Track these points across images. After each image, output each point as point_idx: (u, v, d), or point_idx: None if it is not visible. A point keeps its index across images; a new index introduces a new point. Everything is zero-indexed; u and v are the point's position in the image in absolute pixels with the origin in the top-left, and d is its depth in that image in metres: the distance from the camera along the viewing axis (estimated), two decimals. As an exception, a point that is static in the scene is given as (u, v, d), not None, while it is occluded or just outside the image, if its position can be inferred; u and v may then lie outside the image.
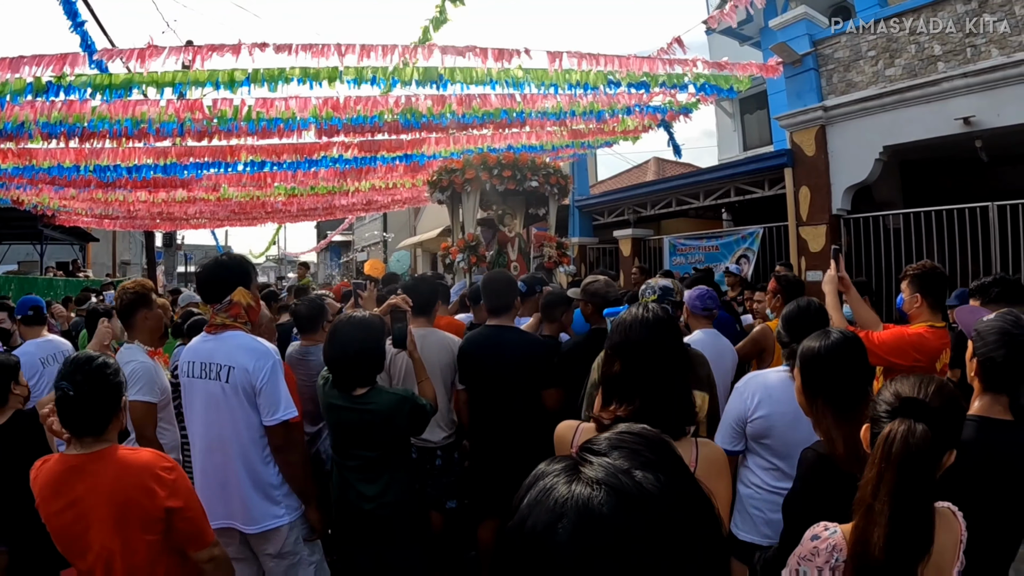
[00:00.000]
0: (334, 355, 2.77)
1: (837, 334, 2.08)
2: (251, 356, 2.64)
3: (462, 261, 6.80)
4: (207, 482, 2.72)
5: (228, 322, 2.74)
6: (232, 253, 3.05)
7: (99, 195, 10.23)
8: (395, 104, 6.23)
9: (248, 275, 2.85)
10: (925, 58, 7.64)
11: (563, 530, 0.60)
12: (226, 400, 2.63)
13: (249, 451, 2.64)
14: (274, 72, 5.15)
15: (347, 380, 2.75)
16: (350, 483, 2.77)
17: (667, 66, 6.57)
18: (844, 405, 1.96)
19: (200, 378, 2.69)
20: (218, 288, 2.77)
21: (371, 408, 2.70)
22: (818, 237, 8.41)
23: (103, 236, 22.56)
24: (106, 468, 1.95)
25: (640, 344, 1.81)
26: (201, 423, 2.72)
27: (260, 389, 2.61)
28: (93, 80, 5.33)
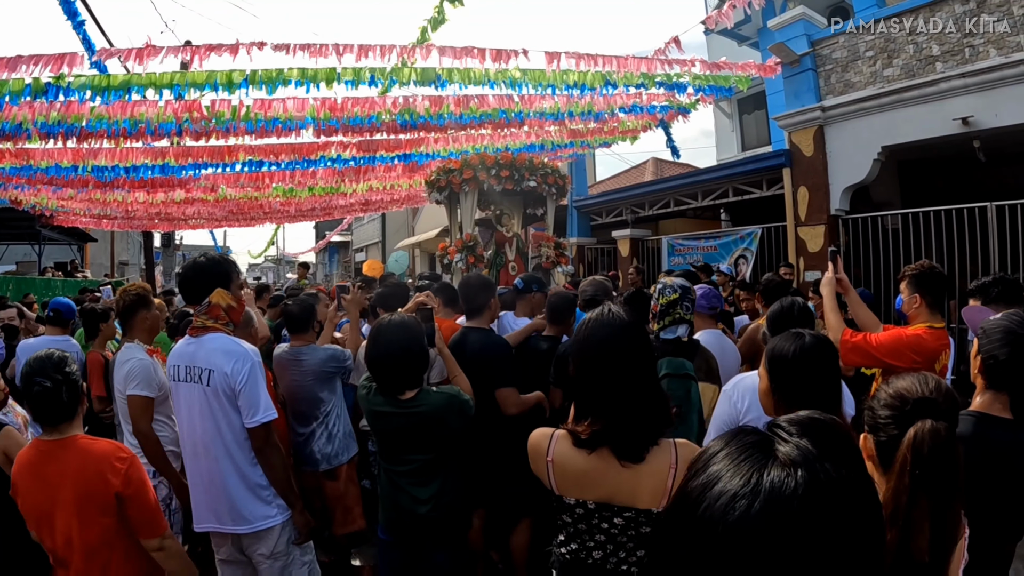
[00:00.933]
0: (380, 359, 2.65)
1: (810, 336, 2.05)
2: (230, 358, 2.61)
3: (460, 261, 6.79)
4: (194, 484, 2.72)
5: (209, 324, 2.71)
6: (211, 254, 2.94)
7: (97, 195, 10.22)
8: (393, 105, 6.23)
9: (227, 276, 2.82)
10: (923, 58, 7.64)
11: (756, 509, 0.60)
12: (208, 403, 2.62)
13: (235, 453, 2.63)
14: (272, 73, 5.15)
15: (394, 384, 2.64)
16: (401, 487, 2.67)
17: (665, 66, 6.57)
18: (815, 407, 1.96)
19: (184, 381, 2.68)
20: (197, 290, 2.76)
21: (422, 411, 2.60)
22: (816, 237, 8.42)
23: (101, 236, 22.54)
24: (71, 455, 2.18)
25: (603, 353, 1.77)
26: (188, 427, 2.70)
27: (239, 391, 2.60)
28: (92, 81, 5.33)
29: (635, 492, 1.70)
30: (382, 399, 2.66)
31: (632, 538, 1.73)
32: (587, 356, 1.80)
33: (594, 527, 1.76)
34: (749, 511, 0.59)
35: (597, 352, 1.78)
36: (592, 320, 1.84)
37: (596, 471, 1.72)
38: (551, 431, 1.85)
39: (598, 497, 1.73)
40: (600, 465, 1.72)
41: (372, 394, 2.71)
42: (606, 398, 1.73)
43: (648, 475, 1.69)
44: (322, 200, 12.13)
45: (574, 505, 1.77)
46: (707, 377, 3.08)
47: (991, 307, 3.45)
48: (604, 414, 1.72)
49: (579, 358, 1.82)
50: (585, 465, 1.74)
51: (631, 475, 1.69)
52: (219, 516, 2.64)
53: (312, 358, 3.84)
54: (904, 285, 3.36)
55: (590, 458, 1.73)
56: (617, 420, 1.70)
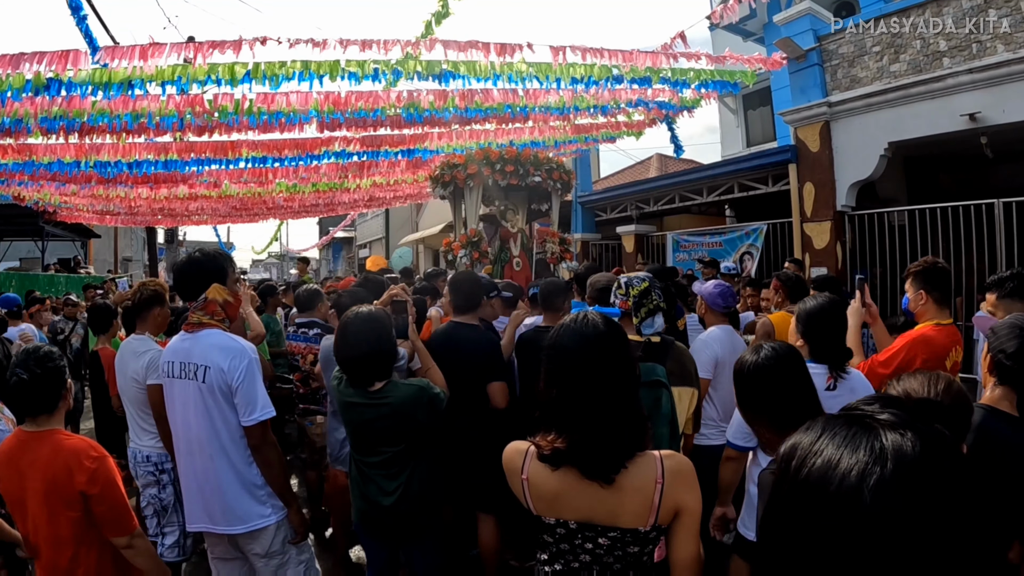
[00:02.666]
0: (347, 353, 2.70)
1: (768, 349, 2.07)
2: (226, 355, 2.57)
3: (465, 257, 6.76)
4: (187, 484, 2.68)
5: (205, 320, 2.68)
6: (206, 249, 2.92)
7: (100, 191, 10.21)
8: (397, 99, 6.20)
9: (223, 271, 2.78)
10: (930, 54, 7.58)
11: (889, 471, 0.64)
12: (203, 400, 2.57)
13: (230, 451, 2.59)
14: (275, 66, 5.11)
15: (362, 376, 2.69)
16: (370, 478, 2.72)
17: (671, 60, 6.53)
18: (781, 421, 1.94)
19: (179, 378, 2.64)
20: (193, 286, 2.73)
21: (389, 402, 2.65)
22: (822, 233, 8.37)
23: (104, 232, 22.53)
24: (44, 447, 2.23)
25: (571, 365, 1.64)
26: (182, 424, 2.66)
27: (236, 388, 2.55)
28: (93, 76, 5.30)
29: (616, 511, 1.59)
30: (352, 390, 2.71)
31: (620, 558, 1.62)
32: (553, 366, 1.68)
33: (577, 547, 1.65)
34: (883, 474, 0.64)
35: (564, 363, 1.66)
36: (564, 327, 1.72)
37: (572, 490, 1.60)
38: (526, 446, 1.71)
39: (578, 517, 1.62)
40: (574, 483, 1.60)
41: (343, 385, 2.75)
42: (572, 412, 1.61)
43: (631, 492, 1.57)
44: (325, 196, 12.11)
45: (554, 525, 1.66)
46: (682, 380, 2.92)
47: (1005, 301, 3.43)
48: (568, 429, 1.60)
49: (546, 367, 1.70)
50: (559, 484, 1.61)
51: (610, 493, 1.57)
52: (212, 516, 2.60)
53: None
54: (909, 283, 3.34)
55: (563, 476, 1.60)
56: (582, 437, 1.58)
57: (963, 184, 9.04)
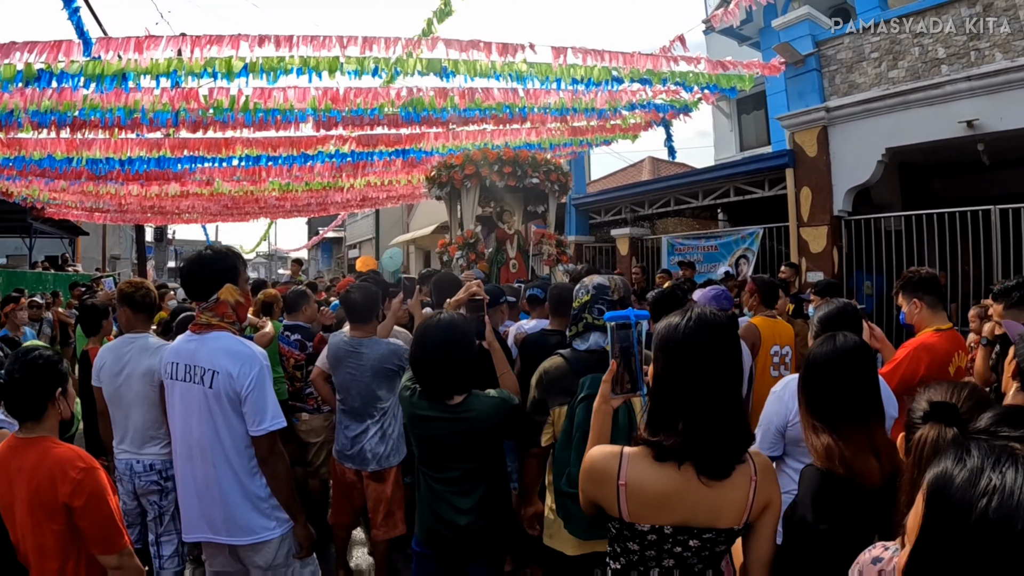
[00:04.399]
0: (426, 363, 2.48)
1: (843, 339, 1.99)
2: (236, 361, 2.43)
3: (461, 258, 6.69)
4: (186, 490, 2.55)
5: (214, 321, 2.53)
6: (218, 246, 2.74)
7: (90, 188, 10.07)
8: (396, 96, 6.12)
9: (236, 271, 2.61)
10: (928, 60, 7.61)
11: None
12: (208, 406, 2.43)
13: (234, 461, 2.46)
14: (273, 61, 5.03)
15: (441, 390, 2.47)
16: (442, 496, 2.51)
17: (671, 63, 6.51)
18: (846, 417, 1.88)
19: (183, 380, 2.50)
20: (203, 285, 2.55)
21: (470, 416, 2.44)
22: (819, 238, 8.37)
23: (93, 230, 22.26)
24: (31, 455, 2.10)
25: (705, 356, 1.59)
26: (182, 428, 2.52)
27: (245, 396, 2.42)
28: (86, 68, 5.20)
29: (718, 510, 1.58)
30: (427, 403, 2.49)
31: (704, 559, 1.61)
32: (676, 360, 1.62)
33: (665, 552, 1.61)
34: None
35: (690, 356, 1.60)
36: (693, 319, 1.64)
37: (678, 492, 1.57)
38: (619, 449, 1.65)
39: (676, 520, 1.59)
40: (682, 484, 1.56)
41: (416, 396, 2.53)
42: (694, 407, 1.57)
43: (731, 490, 1.57)
44: (318, 195, 12.02)
45: (647, 532, 1.60)
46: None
47: (1013, 311, 3.40)
48: (688, 425, 1.55)
49: (666, 362, 1.63)
50: (667, 485, 1.57)
51: (713, 493, 1.56)
52: (213, 525, 2.48)
53: (372, 352, 3.55)
54: (900, 297, 3.34)
55: (673, 477, 1.57)
56: (707, 431, 1.55)
57: (957, 191, 9.07)
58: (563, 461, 2.51)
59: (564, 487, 2.46)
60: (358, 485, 3.69)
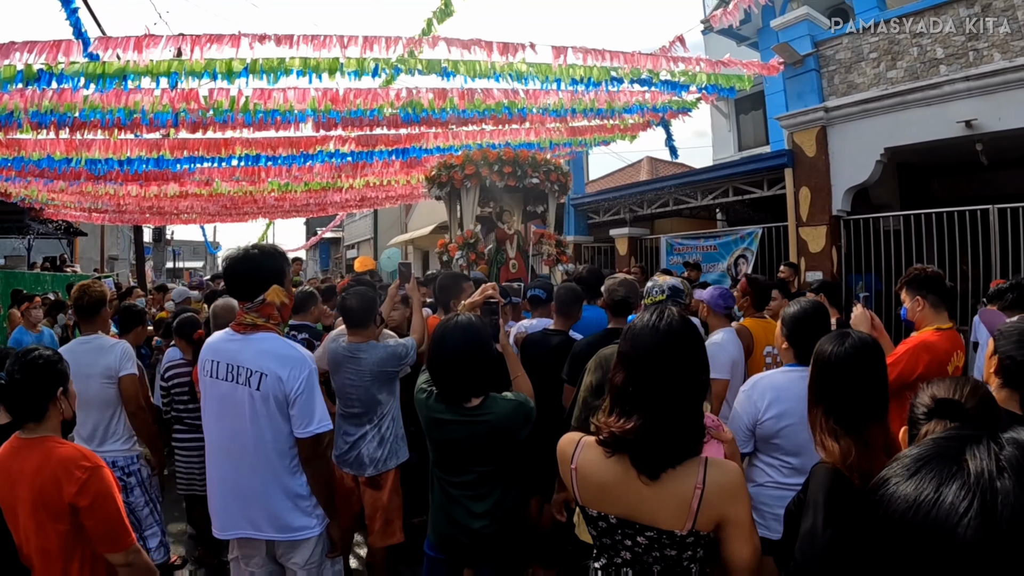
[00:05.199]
0: (443, 367, 2.47)
1: (855, 339, 2.00)
2: (285, 364, 2.43)
3: (461, 258, 6.69)
4: (224, 489, 2.53)
5: (259, 322, 2.50)
6: (264, 245, 2.69)
7: (89, 188, 10.06)
8: (396, 97, 6.12)
9: (283, 272, 2.60)
10: (927, 61, 7.62)
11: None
12: (253, 408, 2.42)
13: (275, 461, 2.46)
14: (273, 62, 5.03)
15: (458, 393, 2.45)
16: (457, 500, 2.50)
17: (671, 63, 6.53)
18: (843, 414, 1.89)
19: (225, 380, 2.47)
20: (251, 285, 2.52)
21: (487, 419, 2.42)
22: (818, 238, 8.37)
23: (91, 231, 22.23)
24: (34, 455, 2.09)
25: (648, 355, 1.64)
26: (220, 428, 2.51)
27: (294, 399, 2.42)
28: (86, 68, 5.19)
29: (655, 510, 1.60)
30: (443, 406, 2.47)
31: (658, 560, 1.62)
32: (633, 354, 1.67)
33: (618, 543, 1.67)
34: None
35: (643, 352, 1.65)
36: (647, 321, 1.70)
37: (618, 484, 1.63)
38: (579, 436, 1.76)
39: (619, 512, 1.64)
40: (621, 477, 1.62)
41: (432, 399, 2.51)
42: (641, 401, 1.61)
43: (670, 492, 1.58)
44: (317, 195, 12.01)
45: (596, 518, 1.69)
46: None
47: (1007, 312, 3.42)
48: (634, 417, 1.60)
49: (625, 354, 1.70)
50: (607, 475, 1.64)
51: (652, 491, 1.59)
52: (255, 522, 2.48)
53: (371, 356, 3.51)
54: (904, 294, 3.34)
55: (612, 469, 1.63)
56: (644, 426, 1.58)
57: (955, 191, 9.09)
58: None
59: None
60: (356, 491, 3.66)
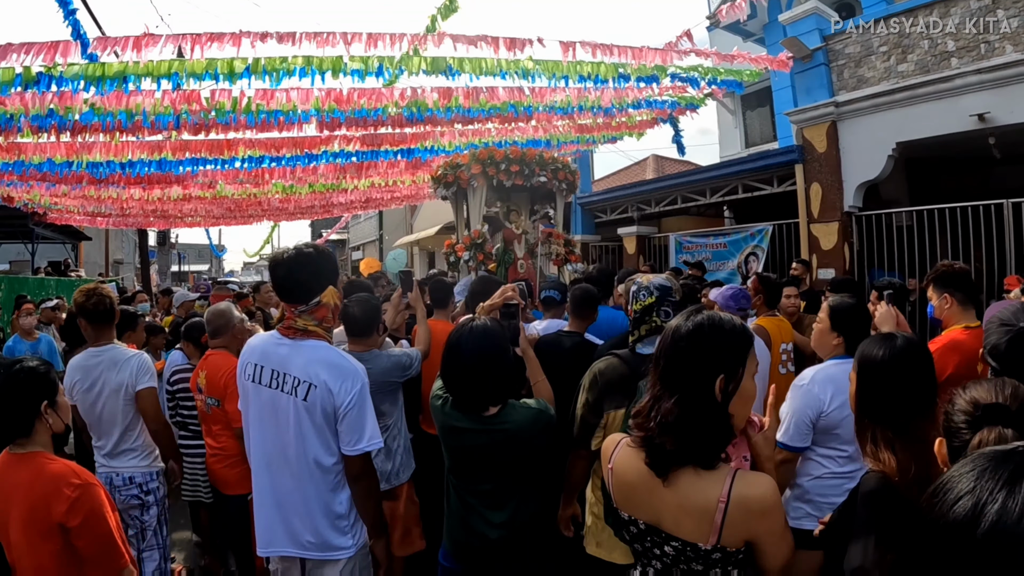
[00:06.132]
0: (459, 372, 2.36)
1: (903, 340, 1.91)
2: (337, 375, 2.28)
3: (469, 259, 6.60)
4: (263, 502, 2.40)
5: (311, 327, 2.34)
6: (316, 244, 2.50)
7: (91, 192, 9.99)
8: (400, 97, 6.03)
9: (337, 272, 2.47)
10: (938, 54, 7.51)
11: None
12: (299, 419, 2.28)
13: (318, 477, 2.32)
14: (276, 62, 4.94)
15: (476, 401, 2.34)
16: (473, 508, 2.41)
17: (680, 58, 6.42)
18: (898, 421, 1.79)
19: (268, 387, 2.33)
20: (306, 286, 2.35)
21: (506, 428, 2.32)
22: (830, 234, 8.26)
23: (95, 235, 22.23)
24: (25, 472, 2.02)
25: (668, 350, 1.60)
26: (263, 438, 2.37)
27: (344, 414, 2.27)
28: (86, 70, 5.11)
29: (679, 518, 1.52)
30: (459, 414, 2.37)
31: (686, 573, 1.54)
32: (671, 357, 1.60)
33: (648, 551, 1.60)
34: None
35: (676, 349, 1.59)
36: (679, 328, 1.62)
37: (642, 484, 1.57)
38: (621, 437, 1.71)
39: (646, 518, 1.58)
40: (646, 478, 1.55)
41: (448, 406, 2.41)
42: (664, 396, 1.56)
43: (693, 502, 1.50)
44: (322, 197, 11.94)
45: (627, 522, 1.63)
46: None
47: None
48: (657, 411, 1.55)
49: (662, 356, 1.62)
50: (634, 475, 1.59)
51: (672, 496, 1.52)
52: (297, 540, 2.35)
53: (375, 366, 3.31)
54: (931, 290, 3.26)
55: (639, 468, 1.57)
56: (661, 427, 1.52)
57: (965, 186, 8.96)
58: None
59: None
60: None
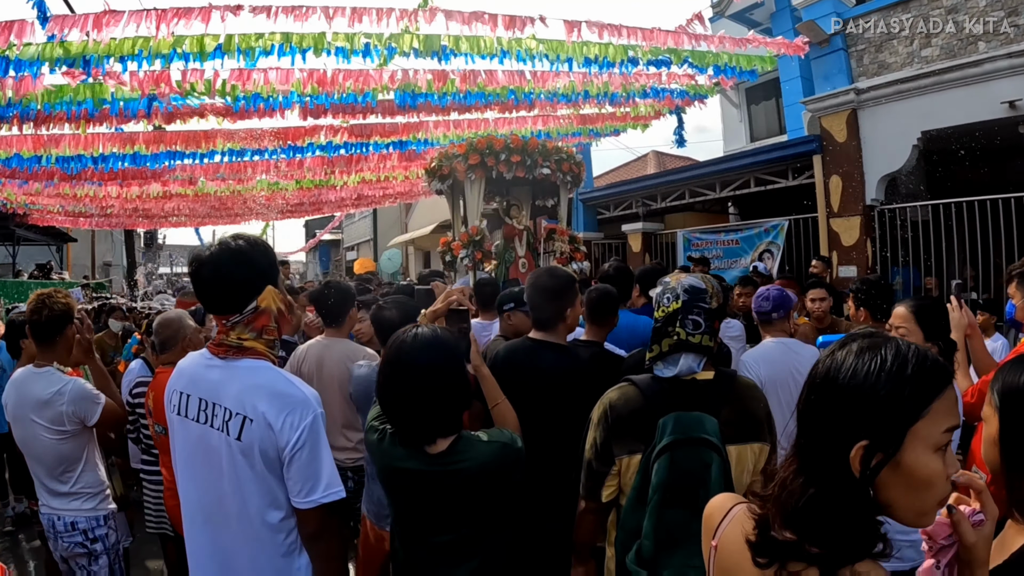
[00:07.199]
0: (400, 396, 1.84)
1: None
2: (280, 406, 1.70)
3: (466, 258, 6.09)
4: (199, 563, 1.84)
5: (249, 342, 1.77)
6: (248, 235, 1.85)
7: (67, 190, 9.47)
8: (391, 79, 5.51)
9: (275, 268, 1.85)
10: (964, 38, 7.11)
11: None
12: (233, 462, 1.72)
13: (266, 538, 1.76)
14: (251, 39, 4.43)
15: (420, 431, 1.83)
16: (428, 565, 1.90)
17: (692, 41, 5.95)
18: None
19: (195, 421, 1.78)
20: (239, 290, 1.77)
21: (462, 468, 1.81)
22: (851, 229, 7.78)
23: (82, 236, 21.65)
24: None
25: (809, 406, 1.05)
26: (197, 486, 1.82)
27: (290, 457, 1.70)
28: (43, 51, 4.61)
29: None
30: (403, 451, 1.85)
31: None
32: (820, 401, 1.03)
33: None
34: None
35: (832, 401, 1.01)
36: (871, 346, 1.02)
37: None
38: (733, 502, 1.21)
39: None
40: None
41: (388, 442, 1.88)
42: (799, 470, 1.03)
43: None
44: (310, 194, 11.43)
45: None
46: (746, 434, 1.89)
47: None
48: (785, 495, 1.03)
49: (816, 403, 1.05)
50: (751, 570, 1.07)
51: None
52: None
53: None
54: (1012, 288, 2.80)
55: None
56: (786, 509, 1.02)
57: (980, 178, 8.51)
58: (632, 528, 1.82)
59: (632, 564, 1.79)
60: (379, 545, 3.04)
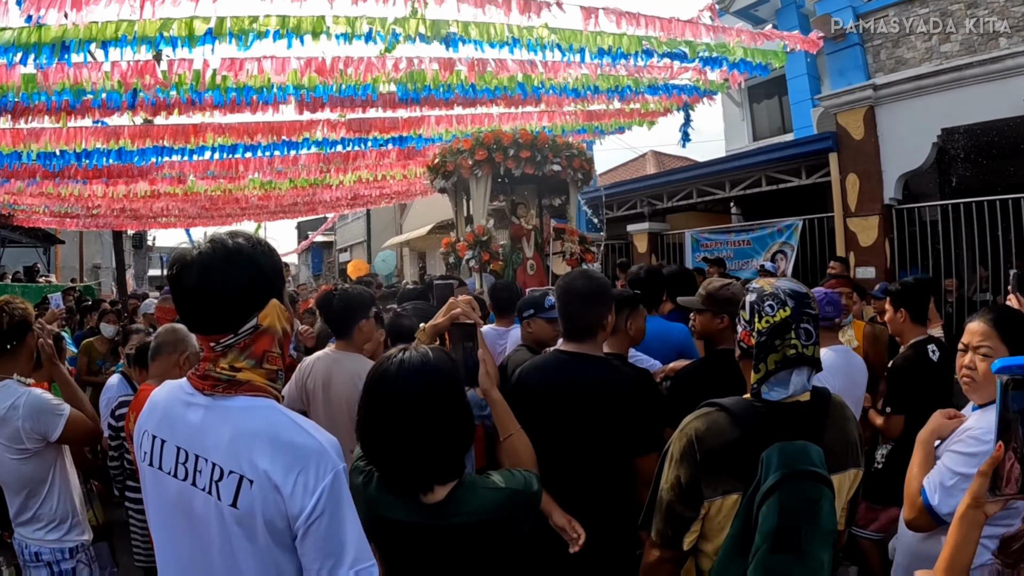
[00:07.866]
0: (385, 433, 1.51)
1: None
2: (288, 462, 1.24)
3: (472, 259, 5.76)
4: None
5: (245, 373, 1.33)
6: (246, 234, 1.38)
7: (50, 189, 9.07)
8: (394, 67, 5.17)
9: (280, 276, 1.40)
10: (984, 33, 6.91)
11: None
12: (226, 533, 1.27)
13: None
14: (244, 22, 4.09)
15: (411, 478, 1.52)
16: None
17: (710, 33, 5.67)
18: None
19: (171, 475, 1.34)
20: (231, 303, 1.31)
21: (463, 523, 1.50)
22: (869, 229, 7.52)
23: (70, 238, 21.16)
24: None
25: None
26: (177, 555, 1.37)
27: (308, 528, 1.24)
28: (19, 36, 4.27)
29: None
30: (392, 499, 1.53)
31: None
32: None
33: None
34: None
35: None
36: None
37: None
38: None
39: None
40: None
41: (374, 487, 1.56)
42: None
43: None
44: (305, 193, 11.07)
45: None
46: (846, 461, 1.68)
47: None
48: None
49: None
50: None
51: None
52: None
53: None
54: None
55: None
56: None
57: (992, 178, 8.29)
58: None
59: None
60: None
